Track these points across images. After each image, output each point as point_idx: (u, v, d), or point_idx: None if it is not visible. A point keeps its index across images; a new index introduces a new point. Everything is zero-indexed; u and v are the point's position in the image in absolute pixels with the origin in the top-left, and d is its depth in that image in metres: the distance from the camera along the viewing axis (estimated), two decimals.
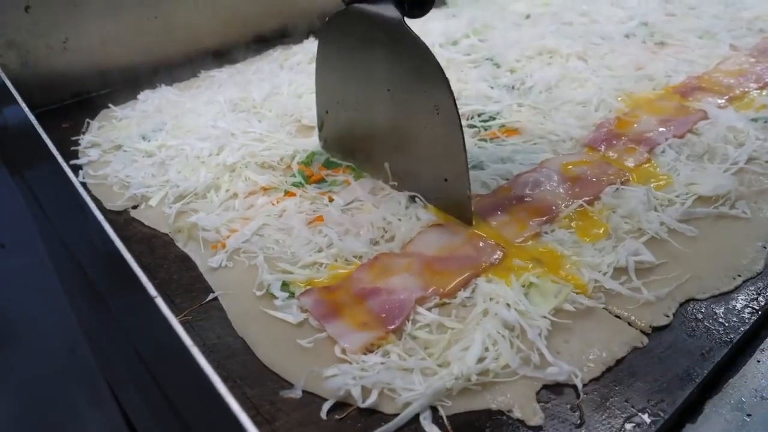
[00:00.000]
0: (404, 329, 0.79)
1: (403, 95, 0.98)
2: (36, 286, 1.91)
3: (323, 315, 0.81)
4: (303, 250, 0.94)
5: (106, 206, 1.09)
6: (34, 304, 1.95)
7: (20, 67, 1.40)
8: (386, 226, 0.98)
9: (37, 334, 1.97)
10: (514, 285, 0.85)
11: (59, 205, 1.18)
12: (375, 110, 1.04)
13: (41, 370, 1.93)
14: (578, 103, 1.33)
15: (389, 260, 0.89)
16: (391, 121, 1.02)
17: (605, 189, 1.04)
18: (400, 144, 1.02)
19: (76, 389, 1.99)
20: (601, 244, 0.93)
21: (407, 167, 1.03)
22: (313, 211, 1.02)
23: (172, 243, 1.01)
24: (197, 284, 0.92)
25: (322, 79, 1.12)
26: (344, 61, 1.06)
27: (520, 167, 1.11)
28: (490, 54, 1.59)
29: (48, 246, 1.60)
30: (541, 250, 0.92)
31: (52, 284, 1.77)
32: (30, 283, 1.95)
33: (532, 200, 1.02)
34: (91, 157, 1.22)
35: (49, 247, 1.58)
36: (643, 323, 0.81)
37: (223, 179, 1.11)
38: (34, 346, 1.94)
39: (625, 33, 1.70)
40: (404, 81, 0.96)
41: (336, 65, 1.08)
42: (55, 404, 1.96)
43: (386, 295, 0.83)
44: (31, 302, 1.97)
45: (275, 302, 0.85)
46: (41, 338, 1.97)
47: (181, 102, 1.40)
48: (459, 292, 0.84)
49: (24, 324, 2.03)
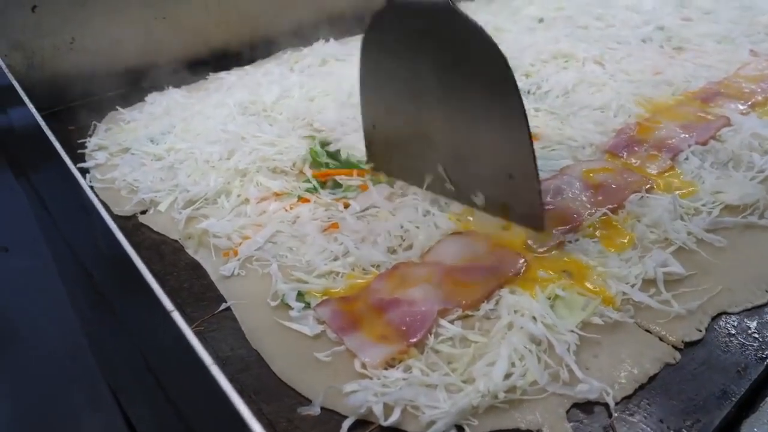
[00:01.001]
0: (426, 343, 0.76)
1: (457, 86, 0.89)
2: (38, 289, 1.88)
3: (341, 327, 0.78)
4: (318, 259, 0.90)
5: (114, 211, 1.06)
6: (36, 307, 1.92)
7: (26, 68, 1.37)
8: (404, 234, 0.94)
9: (39, 337, 1.94)
10: (539, 297, 0.81)
11: (66, 209, 1.15)
12: (427, 113, 0.95)
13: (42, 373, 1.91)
14: (596, 108, 1.30)
15: (408, 270, 0.86)
16: (445, 122, 0.93)
17: (629, 197, 1.00)
18: (456, 146, 0.93)
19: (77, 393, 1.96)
20: (627, 254, 0.90)
21: (467, 170, 0.94)
22: (327, 217, 0.99)
23: (182, 250, 0.98)
24: (209, 293, 0.89)
25: (368, 89, 1.03)
26: (390, 63, 0.97)
27: (541, 174, 1.07)
28: None
29: (52, 249, 1.57)
30: (565, 261, 0.89)
31: (55, 287, 1.74)
32: (32, 285, 1.92)
33: (554, 208, 0.98)
34: (98, 160, 1.19)
35: (54, 250, 1.55)
36: (675, 338, 0.77)
37: (234, 184, 1.08)
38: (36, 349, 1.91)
39: (642, 37, 1.67)
40: (458, 71, 0.88)
41: (381, 70, 1.00)
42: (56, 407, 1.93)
43: (407, 307, 0.80)
44: (33, 305, 1.94)
45: (290, 313, 0.82)
46: (43, 341, 1.95)
47: (189, 104, 1.37)
48: (482, 304, 0.81)
49: (25, 326, 2.00)
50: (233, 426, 0.58)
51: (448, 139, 0.95)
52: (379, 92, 1.02)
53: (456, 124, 0.93)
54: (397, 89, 0.98)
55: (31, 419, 1.06)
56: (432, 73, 0.92)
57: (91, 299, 1.07)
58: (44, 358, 1.42)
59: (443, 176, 0.98)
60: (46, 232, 1.38)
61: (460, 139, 0.93)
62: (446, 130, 0.94)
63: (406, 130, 1.00)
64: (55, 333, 1.70)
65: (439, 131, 0.95)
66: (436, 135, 0.96)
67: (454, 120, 0.93)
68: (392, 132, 1.03)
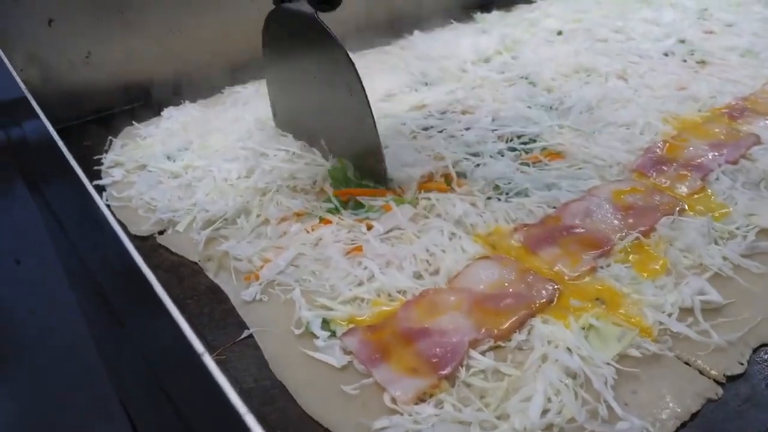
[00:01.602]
0: (457, 375, 0.73)
1: (325, 81, 1.09)
2: (50, 303, 1.86)
3: (369, 358, 0.75)
4: (342, 284, 0.88)
5: (131, 231, 1.04)
6: (47, 322, 1.91)
7: (42, 82, 1.35)
8: (430, 258, 0.92)
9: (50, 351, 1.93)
10: (573, 327, 0.78)
11: (82, 227, 1.13)
12: (308, 95, 1.16)
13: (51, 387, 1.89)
14: (622, 125, 1.27)
15: (436, 297, 0.83)
16: (320, 103, 1.13)
17: (661, 219, 0.97)
18: (329, 122, 1.14)
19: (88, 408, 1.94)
20: (662, 280, 0.87)
21: (337, 141, 1.14)
22: (350, 240, 0.96)
23: (201, 272, 0.95)
24: (230, 318, 0.86)
25: (268, 73, 1.26)
26: (280, 54, 1.19)
27: (568, 194, 1.05)
28: (524, 72, 1.53)
29: (65, 264, 1.55)
30: (597, 288, 0.86)
31: (67, 302, 1.72)
32: (44, 300, 1.91)
33: (584, 231, 0.96)
34: (114, 177, 1.17)
35: (66, 265, 1.53)
36: (716, 372, 0.74)
37: (253, 203, 1.06)
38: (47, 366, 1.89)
39: (664, 51, 1.64)
40: (323, 69, 1.08)
41: (276, 59, 1.21)
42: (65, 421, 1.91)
43: (437, 337, 0.77)
44: (44, 319, 1.92)
45: (316, 342, 0.79)
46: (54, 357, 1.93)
47: (206, 119, 1.35)
48: (514, 334, 0.78)
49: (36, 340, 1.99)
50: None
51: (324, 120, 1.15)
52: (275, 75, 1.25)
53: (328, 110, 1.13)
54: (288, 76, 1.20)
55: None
56: (308, 69, 1.12)
57: (107, 322, 1.05)
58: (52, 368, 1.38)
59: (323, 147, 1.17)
60: (58, 246, 1.36)
61: (333, 122, 1.13)
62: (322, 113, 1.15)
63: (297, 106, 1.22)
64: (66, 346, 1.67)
65: (318, 112, 1.16)
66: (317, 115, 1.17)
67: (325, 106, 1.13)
68: (288, 106, 1.25)
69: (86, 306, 1.26)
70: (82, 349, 1.29)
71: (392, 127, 1.27)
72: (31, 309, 1.68)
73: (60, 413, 1.47)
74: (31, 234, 1.63)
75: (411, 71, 1.55)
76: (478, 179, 1.10)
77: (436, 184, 1.08)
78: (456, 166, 1.12)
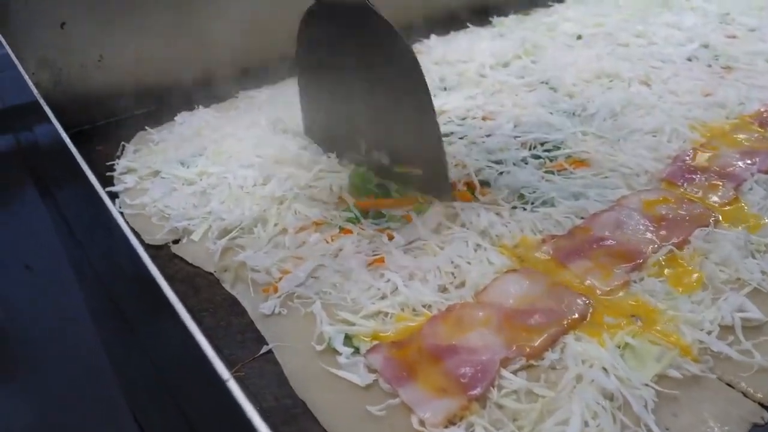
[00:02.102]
0: (488, 396, 0.70)
1: (377, 80, 0.99)
2: (62, 310, 1.84)
3: (395, 377, 0.71)
4: (364, 297, 0.84)
5: (146, 240, 1.01)
6: (58, 329, 1.88)
7: (53, 86, 1.33)
8: (455, 271, 0.88)
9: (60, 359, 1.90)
10: (608, 345, 0.75)
11: (94, 235, 1.10)
12: (352, 100, 1.06)
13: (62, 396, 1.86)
14: (648, 132, 1.23)
15: (463, 312, 0.80)
16: (368, 109, 1.04)
17: (695, 231, 0.94)
18: (379, 130, 1.04)
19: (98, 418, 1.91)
20: (698, 295, 0.83)
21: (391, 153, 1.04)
22: (372, 251, 0.93)
23: (217, 283, 0.92)
24: (248, 333, 0.83)
25: (303, 76, 1.16)
26: (320, 54, 1.08)
27: (596, 204, 1.01)
28: (544, 77, 1.49)
29: (76, 271, 1.52)
30: (631, 303, 0.82)
31: (78, 310, 1.69)
32: (55, 307, 1.88)
33: (614, 243, 0.92)
34: (127, 184, 1.14)
35: (78, 272, 1.50)
36: (762, 395, 0.71)
37: (270, 212, 1.02)
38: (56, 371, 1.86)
39: (687, 56, 1.60)
40: (376, 66, 0.98)
41: (314, 60, 1.11)
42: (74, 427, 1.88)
43: (466, 355, 0.73)
44: (55, 326, 1.90)
45: (338, 359, 0.76)
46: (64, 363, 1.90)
47: (220, 124, 1.32)
48: (546, 353, 0.75)
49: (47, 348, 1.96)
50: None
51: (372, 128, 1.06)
52: (313, 79, 1.14)
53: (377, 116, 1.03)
54: (328, 79, 1.10)
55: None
56: (355, 68, 1.02)
57: (119, 333, 1.02)
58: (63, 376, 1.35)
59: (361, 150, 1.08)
60: (68, 252, 1.33)
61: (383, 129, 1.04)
62: (370, 121, 1.05)
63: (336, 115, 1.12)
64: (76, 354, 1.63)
65: (364, 119, 1.06)
66: (362, 123, 1.07)
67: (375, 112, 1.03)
68: (324, 114, 1.16)
69: (94, 306, 1.23)
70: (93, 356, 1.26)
71: None
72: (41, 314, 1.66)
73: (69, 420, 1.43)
74: (43, 240, 1.60)
75: (429, 76, 1.51)
76: (502, 188, 1.06)
77: (459, 193, 1.04)
78: (479, 174, 1.09)
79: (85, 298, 1.53)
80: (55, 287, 1.73)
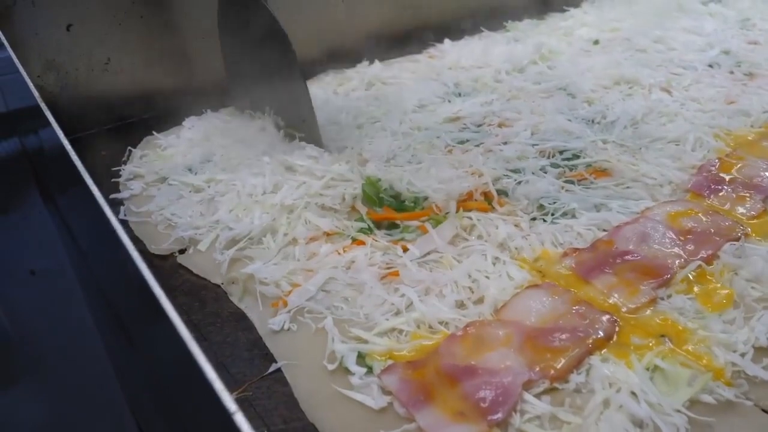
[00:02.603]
0: (510, 422, 0.66)
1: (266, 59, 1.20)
2: (65, 316, 1.81)
3: (411, 400, 0.67)
4: (378, 313, 0.81)
5: (150, 249, 0.97)
6: (62, 335, 1.85)
7: (59, 89, 1.30)
8: (472, 285, 0.84)
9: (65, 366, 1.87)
10: (636, 368, 0.71)
11: (95, 243, 1.06)
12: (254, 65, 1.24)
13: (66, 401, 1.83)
14: (670, 141, 1.19)
15: (483, 331, 0.76)
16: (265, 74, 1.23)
17: (724, 246, 0.89)
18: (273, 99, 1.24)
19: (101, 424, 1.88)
20: (730, 314, 0.79)
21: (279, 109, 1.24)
22: (385, 263, 0.89)
23: (225, 296, 0.89)
24: (256, 350, 0.79)
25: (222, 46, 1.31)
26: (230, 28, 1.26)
27: (619, 216, 0.97)
28: (562, 83, 1.45)
29: (79, 277, 1.49)
30: (659, 322, 0.78)
31: (81, 316, 1.66)
32: (59, 313, 1.85)
33: (640, 258, 0.88)
34: (133, 190, 1.11)
35: (81, 278, 1.47)
36: None
37: (280, 221, 0.99)
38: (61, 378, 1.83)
39: (708, 62, 1.56)
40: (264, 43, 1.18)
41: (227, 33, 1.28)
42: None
43: (486, 377, 0.69)
44: (59, 332, 1.87)
45: (351, 379, 0.72)
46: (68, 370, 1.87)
47: (229, 129, 1.29)
48: (571, 375, 0.70)
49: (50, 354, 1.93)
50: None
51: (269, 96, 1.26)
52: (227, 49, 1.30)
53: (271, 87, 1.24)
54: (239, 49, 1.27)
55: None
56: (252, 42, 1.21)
57: (118, 331, 0.98)
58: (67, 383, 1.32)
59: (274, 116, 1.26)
60: (71, 257, 1.30)
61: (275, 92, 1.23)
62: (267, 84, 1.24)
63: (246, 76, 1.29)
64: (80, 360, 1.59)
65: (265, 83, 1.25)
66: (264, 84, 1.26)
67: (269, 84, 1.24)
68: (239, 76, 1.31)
69: (97, 313, 1.20)
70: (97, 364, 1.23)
71: (426, 140, 1.20)
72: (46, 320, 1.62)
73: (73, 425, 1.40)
74: (47, 245, 1.57)
75: (443, 81, 1.48)
76: (521, 198, 1.02)
77: (477, 203, 1.00)
78: (496, 184, 1.05)
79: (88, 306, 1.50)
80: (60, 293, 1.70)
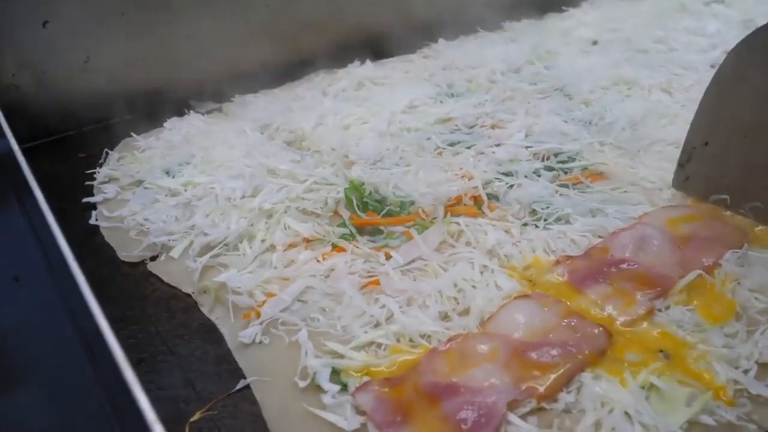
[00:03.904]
0: None
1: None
2: (48, 322, 1.77)
3: (386, 422, 0.63)
4: (356, 324, 0.76)
5: (121, 256, 0.93)
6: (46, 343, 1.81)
7: (36, 89, 1.26)
8: (458, 296, 0.79)
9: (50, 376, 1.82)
10: (630, 385, 0.66)
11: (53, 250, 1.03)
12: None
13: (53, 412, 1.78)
14: (670, 143, 1.14)
15: (466, 345, 0.71)
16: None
17: (725, 254, 0.84)
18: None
19: None
20: (732, 326, 0.74)
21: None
22: (366, 271, 0.84)
23: (195, 307, 0.84)
24: (224, 364, 0.75)
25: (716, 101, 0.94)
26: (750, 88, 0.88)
27: (615, 222, 0.92)
28: (559, 84, 1.41)
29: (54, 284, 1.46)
30: (656, 335, 0.73)
31: (63, 322, 1.62)
32: (42, 319, 1.81)
33: (636, 266, 0.83)
34: (107, 194, 1.07)
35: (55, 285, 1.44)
36: None
37: (258, 227, 0.94)
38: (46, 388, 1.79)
39: (710, 63, 1.50)
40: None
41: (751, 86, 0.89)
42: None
43: (468, 395, 0.64)
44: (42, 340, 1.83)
45: (323, 398, 0.67)
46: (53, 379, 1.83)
47: (211, 131, 1.24)
48: (560, 394, 0.65)
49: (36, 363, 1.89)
50: None
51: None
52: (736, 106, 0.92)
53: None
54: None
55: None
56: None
57: None
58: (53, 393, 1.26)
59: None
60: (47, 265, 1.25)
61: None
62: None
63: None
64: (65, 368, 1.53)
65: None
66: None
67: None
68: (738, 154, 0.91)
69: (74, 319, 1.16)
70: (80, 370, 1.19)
71: (415, 142, 1.16)
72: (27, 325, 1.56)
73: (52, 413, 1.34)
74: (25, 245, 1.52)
75: (436, 81, 1.43)
76: (512, 202, 0.97)
77: (465, 208, 0.96)
78: (487, 187, 1.00)
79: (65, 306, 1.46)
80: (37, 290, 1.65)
